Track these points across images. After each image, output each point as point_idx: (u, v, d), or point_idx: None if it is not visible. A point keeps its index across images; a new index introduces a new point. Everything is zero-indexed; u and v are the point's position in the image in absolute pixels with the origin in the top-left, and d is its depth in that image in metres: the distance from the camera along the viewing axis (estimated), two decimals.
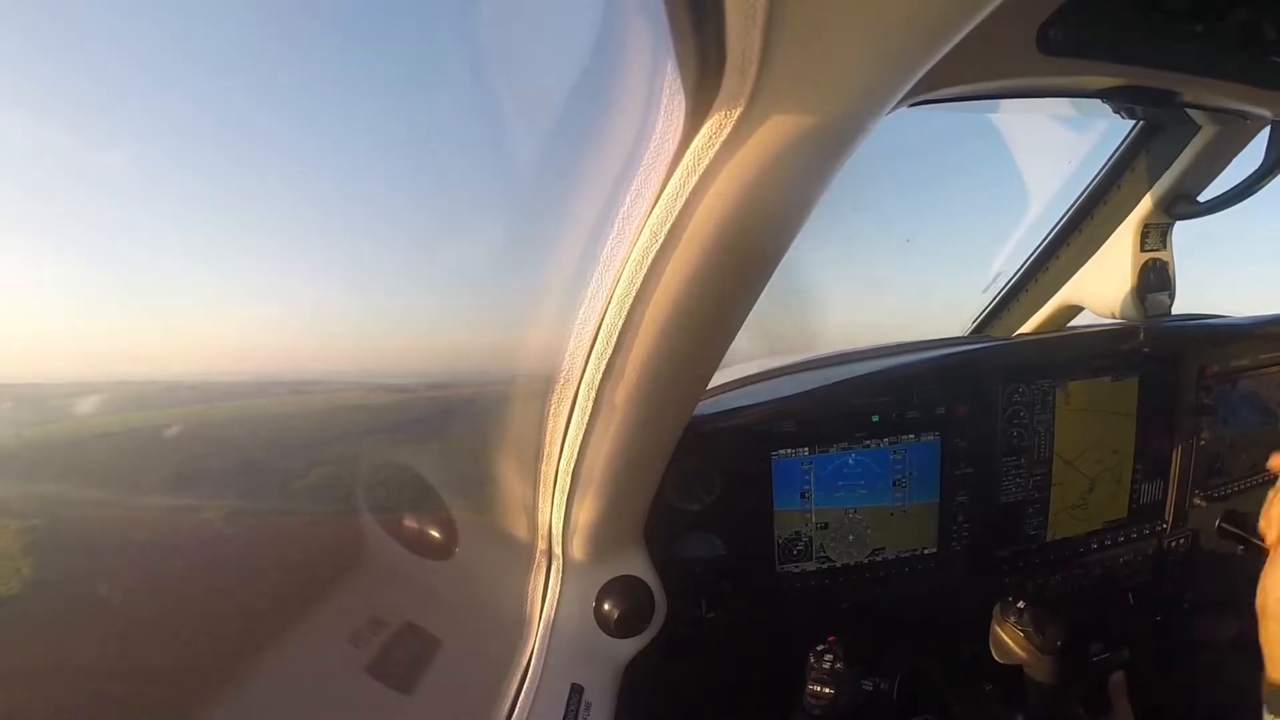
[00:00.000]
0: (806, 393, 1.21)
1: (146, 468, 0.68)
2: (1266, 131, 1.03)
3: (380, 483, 1.01)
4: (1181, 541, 1.41)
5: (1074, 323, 1.50)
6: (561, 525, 0.95)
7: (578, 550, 0.98)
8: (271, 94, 0.67)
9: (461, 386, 1.05)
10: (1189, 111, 1.03)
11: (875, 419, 1.21)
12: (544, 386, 0.84)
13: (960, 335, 1.62)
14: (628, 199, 0.63)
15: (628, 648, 1.02)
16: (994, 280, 1.55)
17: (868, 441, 1.21)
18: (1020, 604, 0.98)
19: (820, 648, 1.01)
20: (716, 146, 0.54)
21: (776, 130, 0.52)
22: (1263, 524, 0.90)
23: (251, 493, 0.76)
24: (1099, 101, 0.86)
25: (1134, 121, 1.18)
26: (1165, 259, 1.30)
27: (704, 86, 0.51)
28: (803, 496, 1.21)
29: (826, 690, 0.96)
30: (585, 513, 0.93)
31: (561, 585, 1.01)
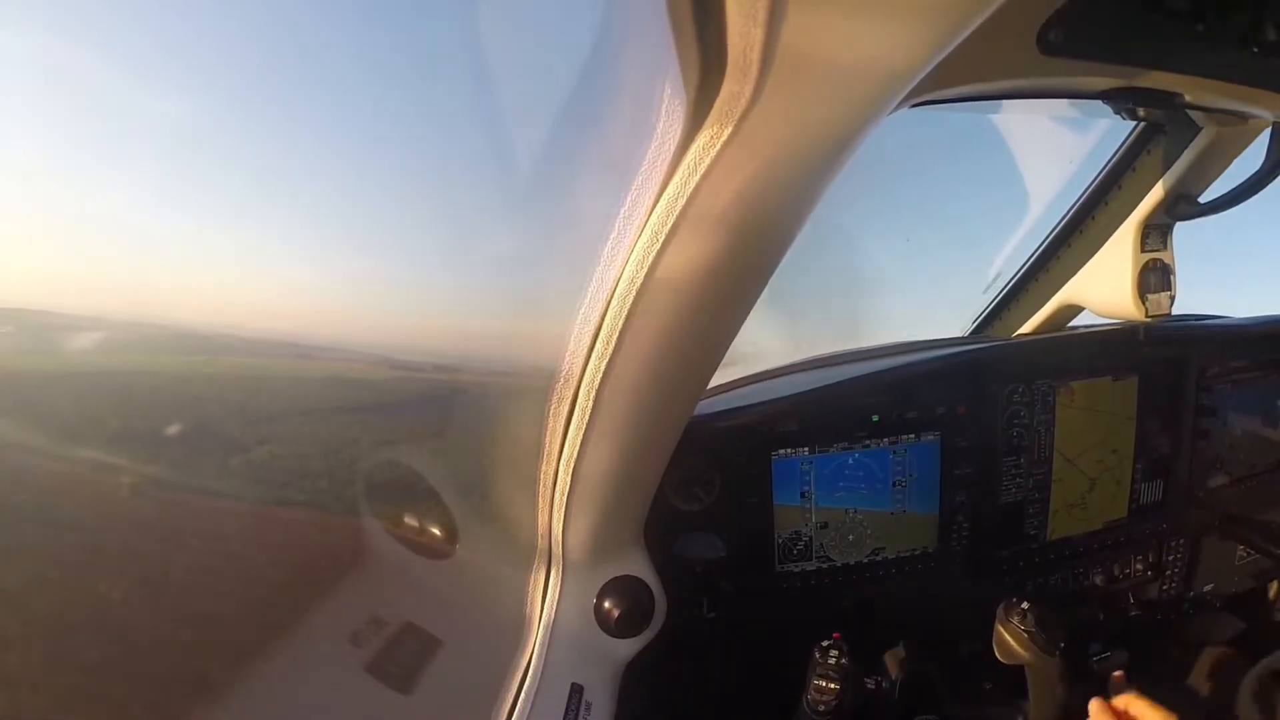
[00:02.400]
0: (806, 393, 1.22)
1: (96, 416, 0.65)
2: (1268, 132, 1.03)
3: (380, 482, 1.01)
4: (1181, 542, 1.41)
5: (1074, 323, 1.50)
6: (561, 525, 0.95)
7: (578, 550, 0.98)
8: (304, 81, 0.68)
9: (461, 386, 1.05)
10: (1190, 112, 1.03)
11: (875, 419, 1.21)
12: (544, 386, 0.84)
13: (960, 335, 1.62)
14: (629, 199, 0.63)
15: (628, 648, 1.02)
16: (994, 280, 1.55)
17: (868, 441, 1.21)
18: (1025, 604, 0.98)
19: (825, 643, 1.01)
20: (718, 146, 0.54)
21: (778, 130, 0.52)
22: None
23: (185, 459, 0.72)
24: (1100, 102, 0.86)
25: (1135, 122, 1.18)
26: (1166, 259, 1.30)
27: (705, 87, 0.51)
28: (803, 496, 1.21)
29: (832, 685, 0.96)
30: (585, 512, 0.93)
31: (561, 585, 1.01)
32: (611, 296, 0.70)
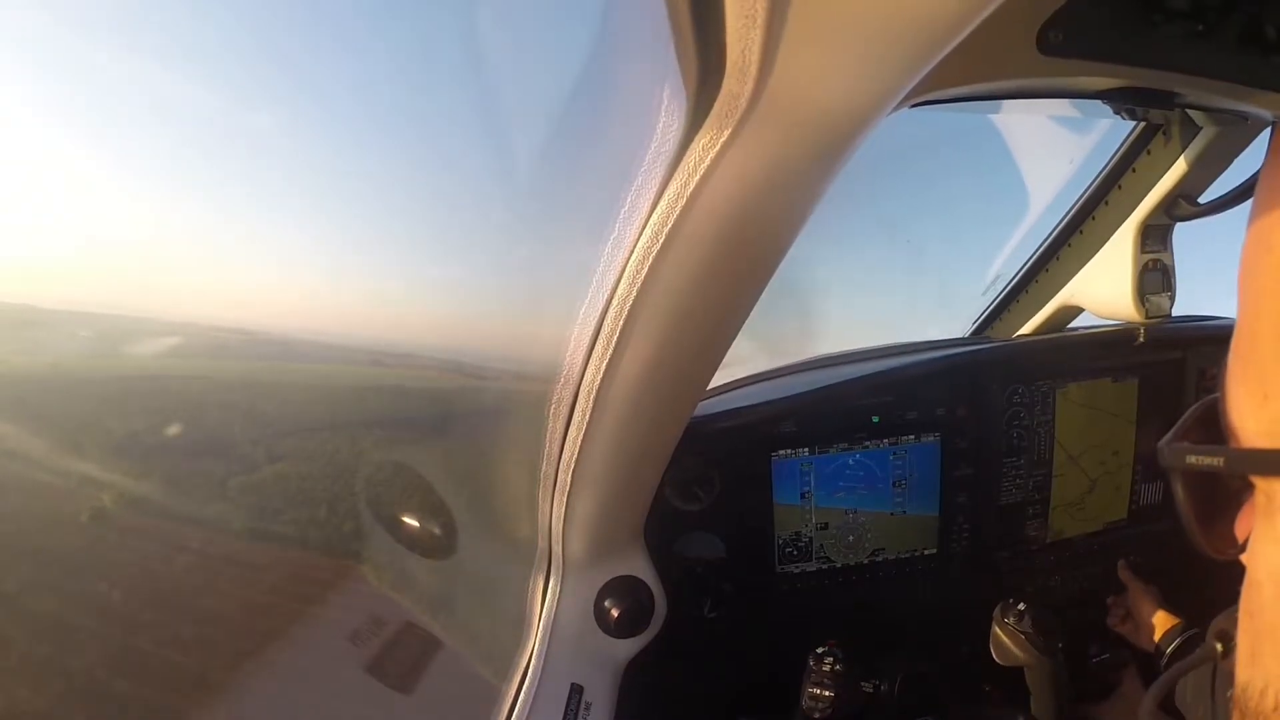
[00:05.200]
0: (806, 393, 1.21)
1: (106, 426, 0.64)
2: (1267, 132, 1.02)
3: (381, 482, 1.01)
4: (1182, 543, 1.40)
5: (1074, 324, 1.50)
6: (562, 525, 0.95)
7: (578, 550, 0.98)
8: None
9: (461, 387, 1.05)
10: (1189, 112, 1.03)
11: (875, 420, 1.21)
12: (544, 387, 0.84)
13: (960, 336, 1.62)
14: (628, 199, 0.63)
15: (628, 648, 1.02)
16: (994, 281, 1.55)
17: (867, 442, 1.21)
18: (1020, 606, 0.98)
19: (820, 650, 1.01)
20: (717, 147, 0.54)
21: (777, 131, 0.52)
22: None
23: (192, 475, 0.70)
24: (1100, 102, 0.85)
25: (1134, 122, 1.18)
26: (1165, 260, 1.30)
27: (705, 87, 0.51)
28: (803, 497, 1.21)
29: (826, 693, 0.96)
30: (585, 513, 0.93)
31: (562, 585, 1.01)
32: (611, 297, 0.70)
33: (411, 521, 1.01)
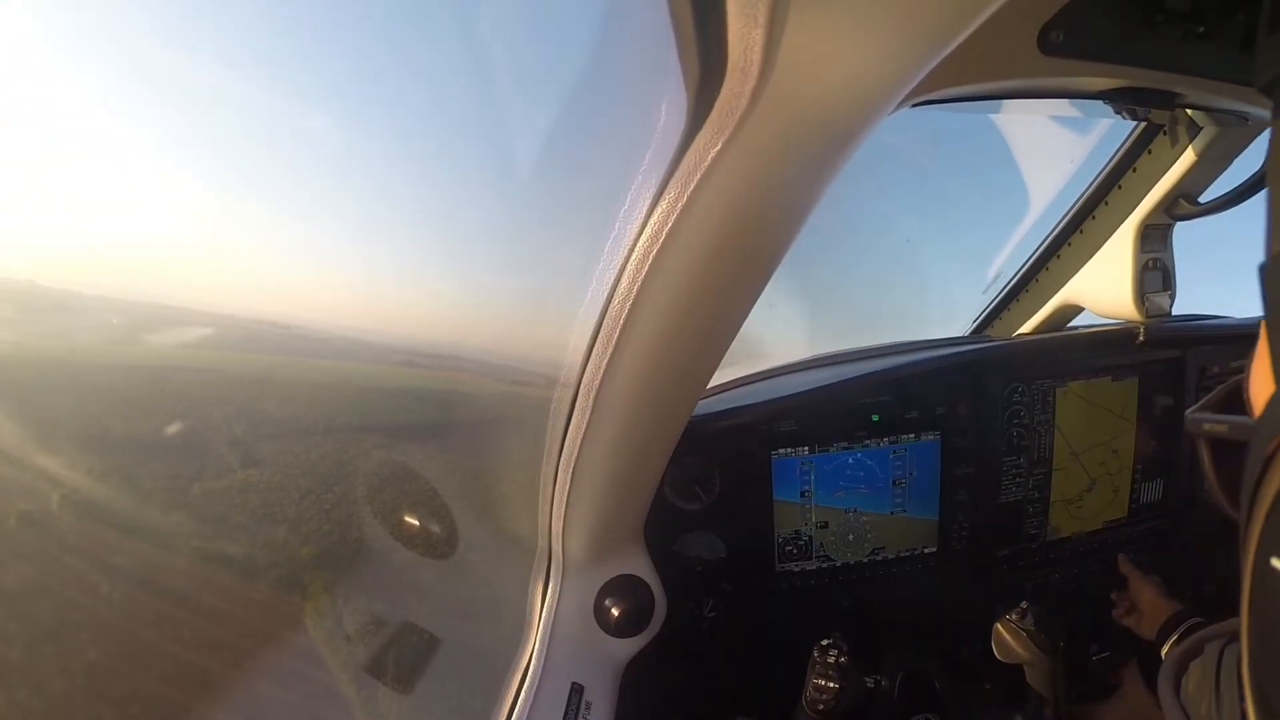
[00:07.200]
0: (806, 392, 1.21)
1: (87, 417, 0.61)
2: (1268, 132, 1.02)
3: (381, 481, 1.01)
4: (1182, 542, 1.41)
5: (1074, 323, 1.50)
6: (562, 524, 0.95)
7: (578, 549, 0.98)
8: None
9: (460, 386, 1.05)
10: (1190, 112, 1.03)
11: (875, 419, 1.21)
12: (544, 386, 0.84)
13: (960, 335, 1.62)
14: (629, 198, 0.63)
15: (628, 647, 1.02)
16: (994, 280, 1.55)
17: (868, 441, 1.21)
18: (1024, 604, 0.99)
19: (825, 642, 1.01)
20: (718, 146, 0.54)
21: (778, 130, 0.52)
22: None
23: (152, 471, 0.66)
24: (1100, 102, 0.86)
25: (1135, 122, 1.18)
26: (1165, 260, 1.30)
27: (706, 86, 0.51)
28: (803, 495, 1.21)
29: (831, 684, 0.96)
30: (585, 512, 0.93)
31: (562, 585, 1.01)
32: (611, 296, 0.70)
33: (411, 521, 1.01)
